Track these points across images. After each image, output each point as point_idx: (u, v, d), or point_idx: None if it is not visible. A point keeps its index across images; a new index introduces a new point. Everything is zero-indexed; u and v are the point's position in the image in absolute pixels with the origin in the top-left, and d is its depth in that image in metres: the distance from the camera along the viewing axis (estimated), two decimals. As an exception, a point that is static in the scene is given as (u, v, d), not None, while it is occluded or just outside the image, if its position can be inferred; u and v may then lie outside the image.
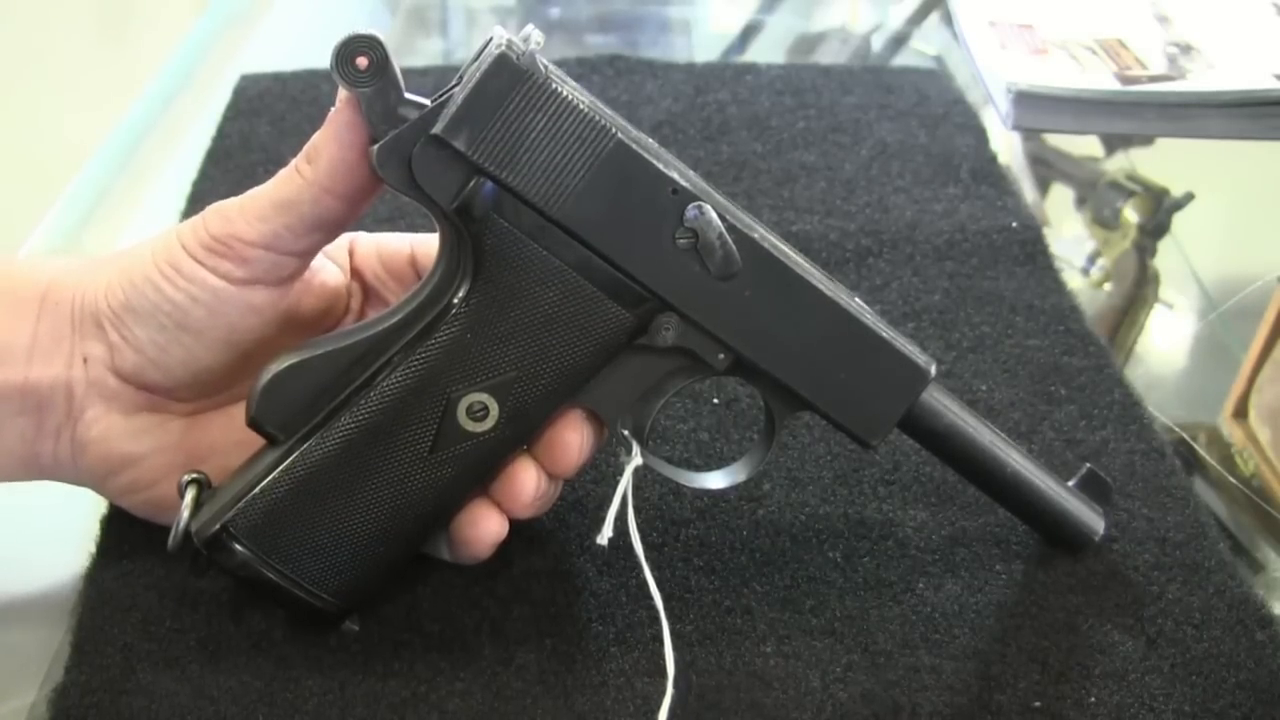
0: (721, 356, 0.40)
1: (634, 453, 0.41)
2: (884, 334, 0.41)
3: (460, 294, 0.38)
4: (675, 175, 0.38)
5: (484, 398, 0.39)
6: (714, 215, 0.38)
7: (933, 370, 0.42)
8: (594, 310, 0.38)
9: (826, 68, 0.82)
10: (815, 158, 0.71)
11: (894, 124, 0.74)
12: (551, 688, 0.41)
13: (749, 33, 0.97)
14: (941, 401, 0.43)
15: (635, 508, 0.46)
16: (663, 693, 0.40)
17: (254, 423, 0.39)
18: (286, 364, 0.38)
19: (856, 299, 0.41)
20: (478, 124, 0.36)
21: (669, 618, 0.43)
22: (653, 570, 0.45)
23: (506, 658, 0.42)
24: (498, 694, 0.40)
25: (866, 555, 0.46)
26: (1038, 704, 0.41)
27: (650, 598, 0.44)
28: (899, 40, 0.95)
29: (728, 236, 0.38)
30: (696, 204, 0.38)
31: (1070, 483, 0.46)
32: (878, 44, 0.95)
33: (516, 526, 0.43)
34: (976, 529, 0.47)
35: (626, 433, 0.41)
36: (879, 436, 0.42)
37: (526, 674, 0.41)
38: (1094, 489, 0.46)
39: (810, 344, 0.40)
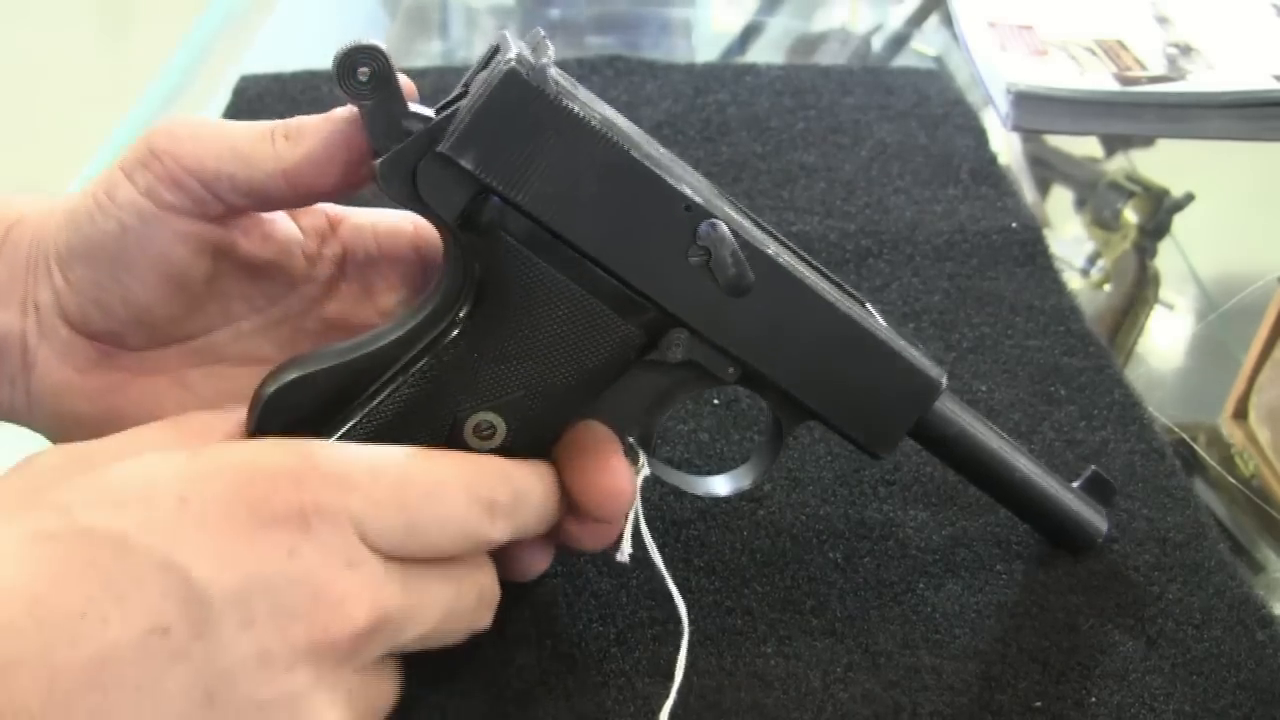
0: (731, 370, 0.39)
1: (642, 463, 0.40)
2: (895, 346, 0.41)
3: (466, 310, 0.37)
4: (688, 191, 0.37)
5: (491, 417, 0.38)
6: (727, 232, 0.37)
7: (944, 382, 0.42)
8: (603, 327, 0.38)
9: (826, 68, 0.82)
10: (815, 158, 0.71)
11: (894, 125, 0.74)
12: (552, 688, 0.41)
13: (749, 33, 0.97)
14: (951, 409, 0.42)
15: (636, 508, 0.46)
16: (664, 694, 0.40)
17: (255, 438, 0.38)
18: (289, 379, 0.37)
19: (868, 305, 0.41)
20: (485, 142, 0.35)
21: (670, 618, 0.43)
22: (652, 570, 0.45)
23: (506, 658, 0.42)
24: (498, 694, 0.40)
25: (867, 556, 0.46)
26: (1038, 704, 0.41)
27: (653, 599, 0.44)
28: (899, 41, 0.95)
29: (740, 253, 0.37)
30: (709, 221, 0.37)
31: (1074, 484, 0.46)
32: (878, 45, 0.95)
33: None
34: (977, 529, 0.47)
35: (632, 441, 0.40)
36: (888, 448, 0.42)
37: (527, 674, 0.41)
38: (1097, 490, 0.46)
39: (821, 357, 0.40)
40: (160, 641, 0.29)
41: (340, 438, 0.37)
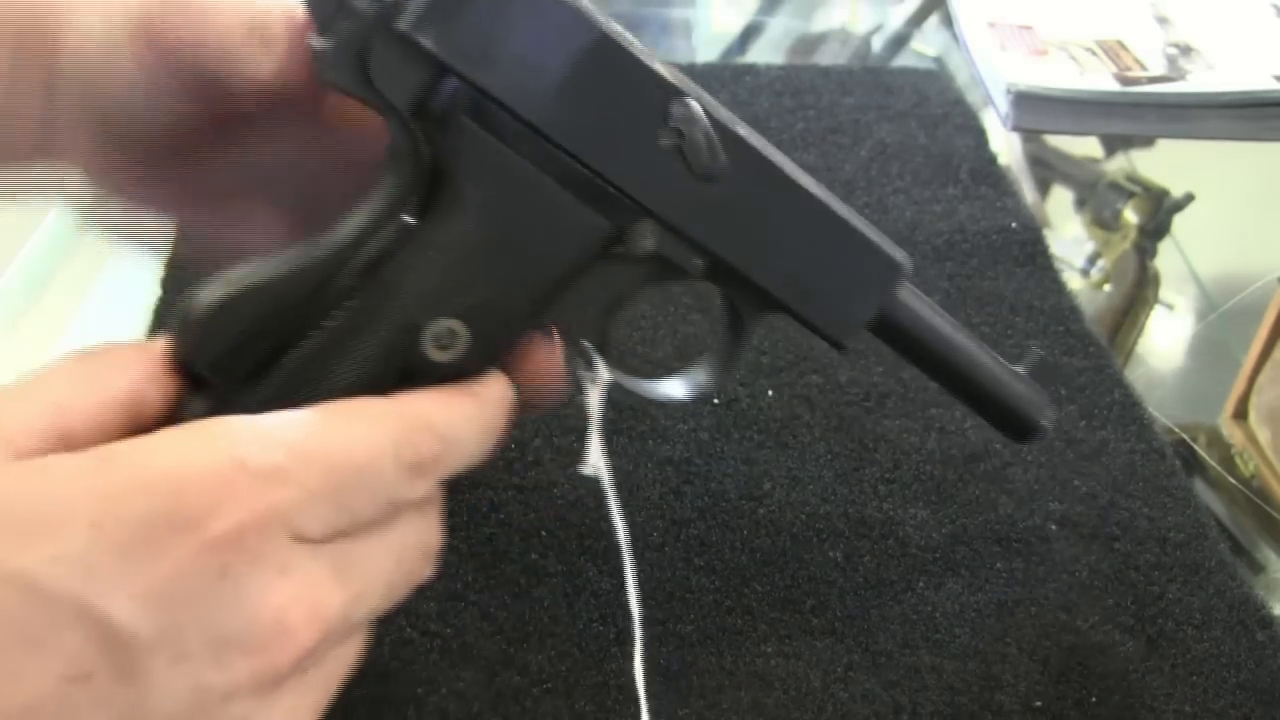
0: (697, 261, 0.37)
1: (600, 370, 0.38)
2: (860, 226, 0.39)
3: (421, 206, 0.34)
4: (661, 70, 0.34)
5: (452, 323, 0.34)
6: (700, 111, 0.35)
7: (908, 264, 0.40)
8: (571, 220, 0.35)
9: (826, 69, 0.82)
10: (815, 158, 0.71)
11: (893, 125, 0.74)
12: (552, 688, 0.41)
13: (749, 34, 0.97)
14: (914, 298, 0.41)
15: (636, 506, 0.46)
16: (665, 693, 0.40)
17: (182, 364, 0.33)
18: (223, 295, 0.33)
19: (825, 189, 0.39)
20: (448, 18, 0.32)
21: (670, 618, 0.43)
22: (653, 569, 0.45)
23: (506, 658, 0.42)
24: (498, 694, 0.40)
25: (867, 554, 0.46)
26: (1038, 704, 0.41)
27: (654, 599, 0.44)
28: (899, 41, 0.95)
29: (714, 134, 0.35)
30: (682, 100, 0.35)
31: (1020, 369, 0.44)
32: (878, 45, 0.95)
33: (515, 522, 0.43)
34: (976, 527, 0.47)
35: (589, 346, 0.38)
36: (851, 335, 0.40)
37: (526, 674, 0.41)
38: (1044, 374, 0.44)
39: (789, 242, 0.38)
40: (82, 690, 0.27)
41: (280, 357, 0.34)
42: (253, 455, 0.29)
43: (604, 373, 0.38)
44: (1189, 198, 0.72)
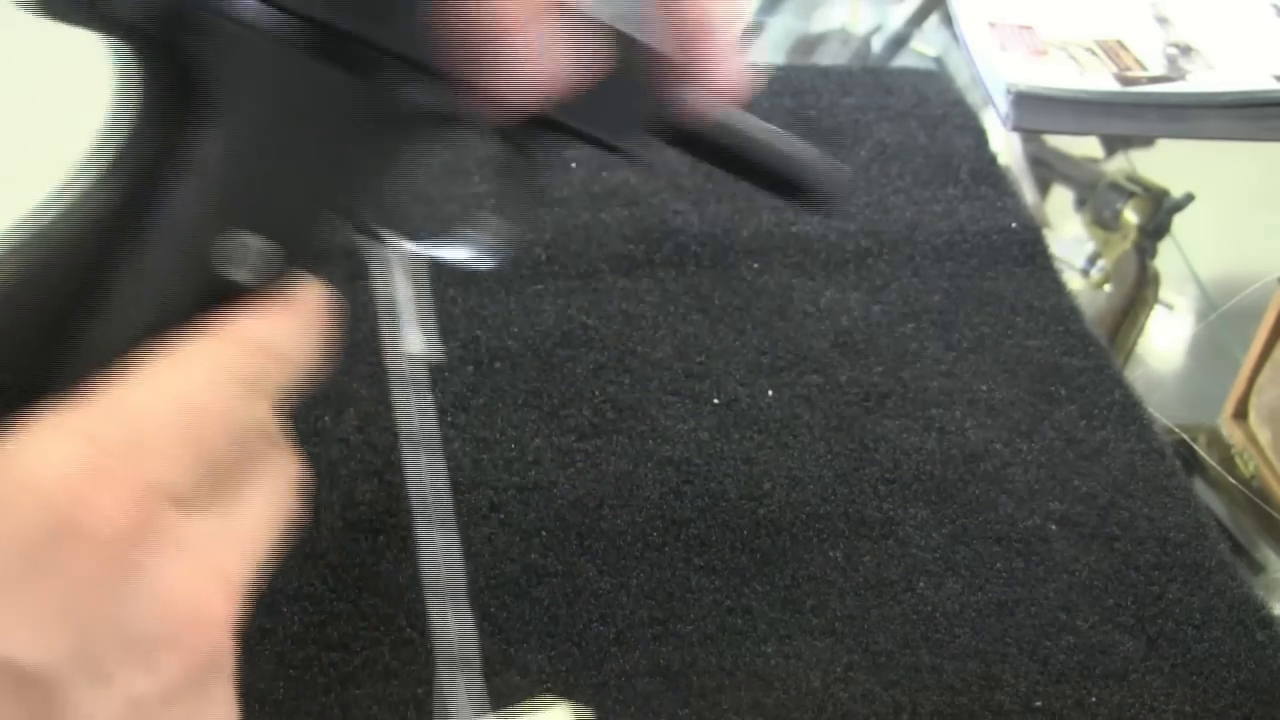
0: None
1: (399, 243, 0.36)
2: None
3: (189, 129, 0.31)
4: None
5: (249, 240, 0.32)
6: None
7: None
8: (338, 92, 0.32)
9: (826, 69, 0.82)
10: (815, 158, 0.71)
11: (893, 125, 0.74)
12: (552, 688, 0.41)
13: (749, 34, 0.97)
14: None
15: (636, 506, 0.46)
16: (665, 692, 0.39)
17: None
18: None
19: None
20: None
21: (671, 617, 0.43)
22: (652, 569, 0.45)
23: (506, 658, 0.42)
24: (498, 694, 0.40)
25: (867, 554, 0.46)
26: (1038, 704, 0.41)
27: (653, 599, 0.44)
28: (899, 41, 0.95)
29: None
30: None
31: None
32: (878, 45, 0.95)
33: (515, 522, 0.43)
34: (977, 526, 0.47)
35: (378, 224, 0.36)
36: (630, 136, 0.38)
37: (527, 674, 0.41)
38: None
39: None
40: None
41: (79, 335, 0.30)
42: (110, 432, 0.26)
43: (404, 244, 0.36)
44: (1189, 198, 0.72)
